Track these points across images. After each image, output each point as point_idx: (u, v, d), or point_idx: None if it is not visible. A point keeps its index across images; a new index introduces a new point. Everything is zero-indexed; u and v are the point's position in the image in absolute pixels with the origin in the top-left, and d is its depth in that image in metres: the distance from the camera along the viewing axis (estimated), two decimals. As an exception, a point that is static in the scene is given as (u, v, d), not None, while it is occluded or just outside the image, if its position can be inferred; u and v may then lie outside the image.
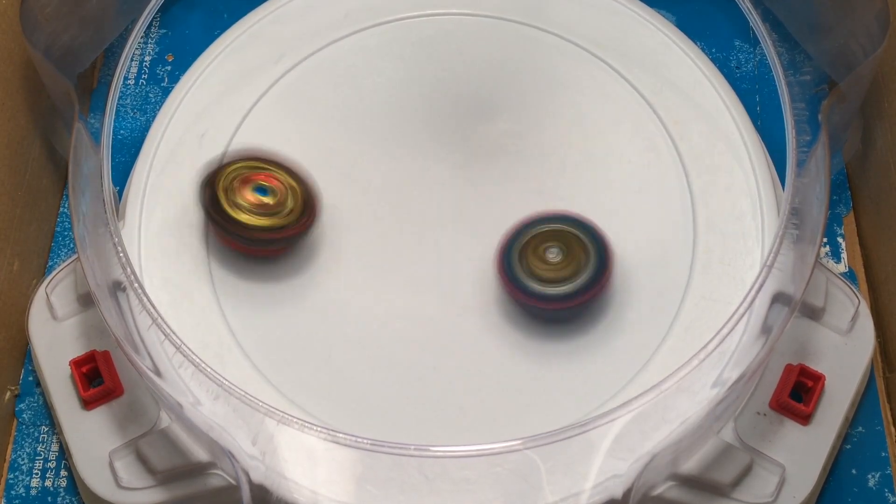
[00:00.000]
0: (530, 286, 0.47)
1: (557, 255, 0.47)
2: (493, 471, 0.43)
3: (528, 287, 0.47)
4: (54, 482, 0.49)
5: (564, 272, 0.47)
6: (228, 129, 0.52)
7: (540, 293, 0.47)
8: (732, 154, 0.51)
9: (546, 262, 0.47)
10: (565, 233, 0.48)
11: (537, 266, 0.47)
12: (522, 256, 0.47)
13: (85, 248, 0.45)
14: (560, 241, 0.47)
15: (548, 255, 0.47)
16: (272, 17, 0.55)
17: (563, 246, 0.47)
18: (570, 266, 0.47)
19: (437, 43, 0.55)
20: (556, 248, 0.47)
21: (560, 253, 0.47)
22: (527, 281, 0.47)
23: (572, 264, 0.47)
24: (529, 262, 0.47)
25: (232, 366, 0.47)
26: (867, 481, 0.48)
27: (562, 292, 0.47)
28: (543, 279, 0.47)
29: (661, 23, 0.55)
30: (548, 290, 0.47)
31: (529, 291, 0.47)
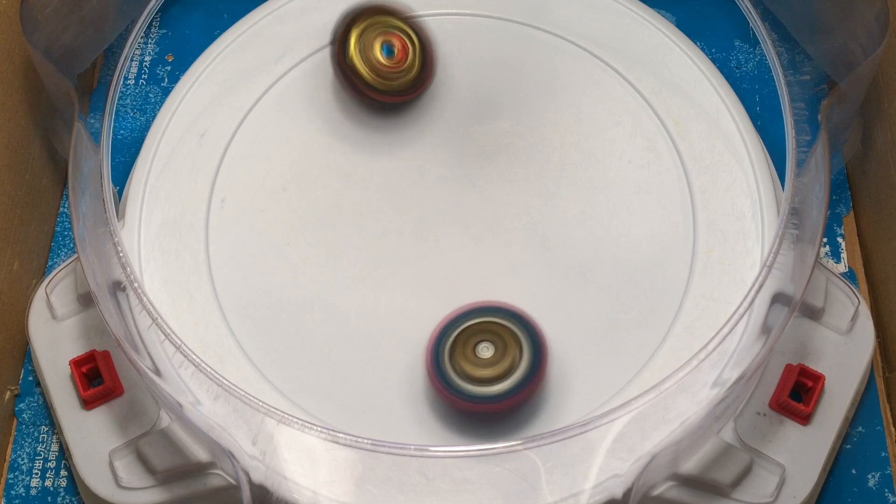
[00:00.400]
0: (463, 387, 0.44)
1: (489, 351, 0.45)
2: (493, 471, 0.43)
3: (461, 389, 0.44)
4: (54, 482, 0.49)
5: (497, 369, 0.44)
6: (228, 128, 0.52)
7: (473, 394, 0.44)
8: (732, 154, 0.51)
9: (477, 359, 0.45)
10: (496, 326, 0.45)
11: (467, 365, 0.45)
12: (452, 355, 0.45)
13: (85, 248, 0.45)
14: (492, 336, 0.45)
15: (478, 351, 0.45)
16: (272, 18, 0.55)
17: (495, 340, 0.45)
18: (503, 362, 0.45)
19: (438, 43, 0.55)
20: (488, 342, 0.45)
21: (492, 348, 0.45)
22: (459, 382, 0.44)
23: (506, 360, 0.45)
24: (459, 362, 0.45)
25: (232, 366, 0.47)
26: (867, 481, 0.48)
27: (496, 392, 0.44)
28: (475, 378, 0.44)
29: (660, 23, 0.55)
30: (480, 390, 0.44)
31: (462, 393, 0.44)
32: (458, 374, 0.44)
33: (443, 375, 0.44)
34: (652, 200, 0.50)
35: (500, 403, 0.44)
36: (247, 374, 0.47)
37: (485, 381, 0.44)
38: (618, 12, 0.55)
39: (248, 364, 0.47)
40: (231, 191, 0.51)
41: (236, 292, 0.49)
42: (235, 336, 0.47)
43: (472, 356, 0.45)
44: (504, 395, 0.44)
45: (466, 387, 0.44)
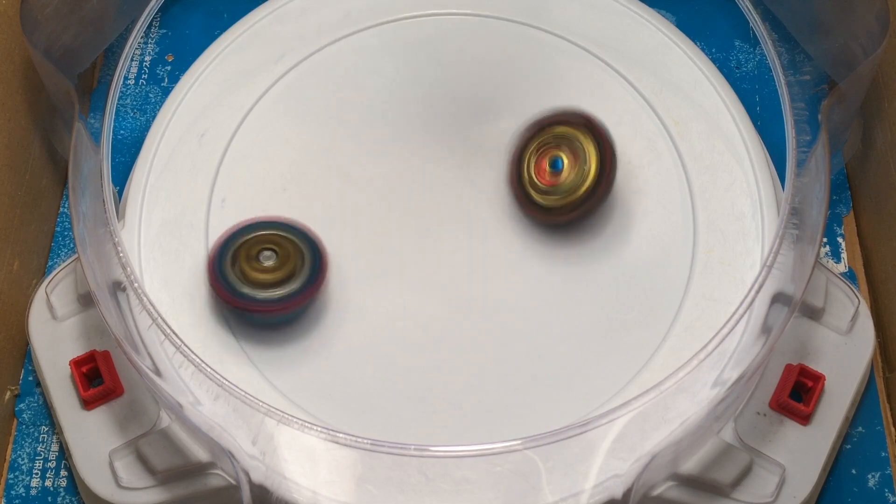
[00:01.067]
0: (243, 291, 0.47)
1: (271, 259, 0.47)
2: (493, 471, 0.43)
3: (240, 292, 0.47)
4: (54, 482, 0.49)
5: (277, 275, 0.47)
6: (228, 128, 0.52)
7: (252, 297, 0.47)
8: (732, 154, 0.51)
9: (261, 267, 0.47)
10: (279, 238, 0.48)
11: (250, 272, 0.47)
12: (235, 262, 0.47)
13: (85, 249, 0.45)
14: (275, 246, 0.48)
15: (262, 259, 0.47)
16: (272, 18, 0.55)
17: (277, 250, 0.47)
18: (283, 269, 0.47)
19: (437, 43, 0.55)
20: (270, 252, 0.47)
21: (273, 257, 0.47)
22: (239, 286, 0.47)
23: (286, 268, 0.47)
24: (243, 267, 0.47)
25: (232, 366, 0.47)
26: (867, 481, 0.48)
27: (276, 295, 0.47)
28: (257, 283, 0.47)
29: (660, 23, 0.55)
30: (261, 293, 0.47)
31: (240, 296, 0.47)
32: (240, 279, 0.47)
33: (224, 277, 0.47)
34: (652, 200, 0.50)
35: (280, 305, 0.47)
36: (247, 374, 0.47)
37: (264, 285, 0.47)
38: (618, 12, 0.55)
39: (247, 364, 0.47)
40: (231, 191, 0.51)
41: (236, 292, 0.49)
42: (235, 336, 0.47)
43: (256, 263, 0.47)
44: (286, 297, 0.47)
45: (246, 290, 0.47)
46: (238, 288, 0.47)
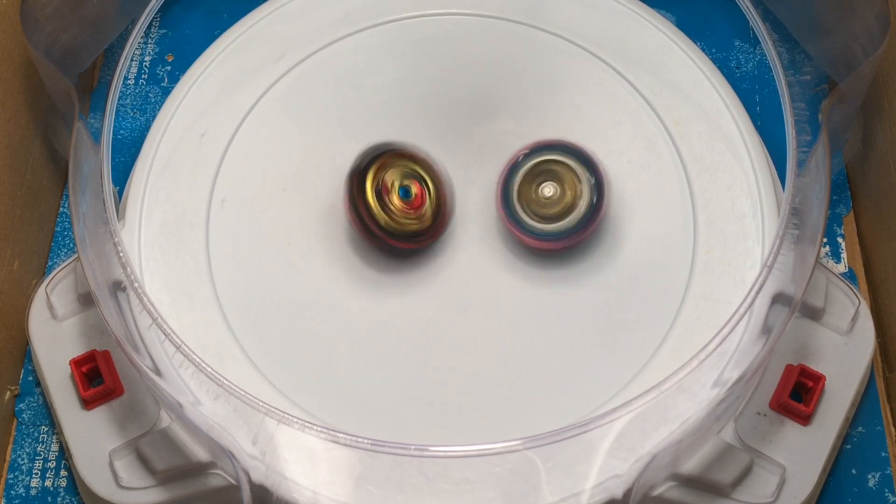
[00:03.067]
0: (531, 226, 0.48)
1: (552, 190, 0.48)
2: (493, 471, 0.43)
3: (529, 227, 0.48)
4: (54, 482, 0.49)
5: (558, 208, 0.48)
6: (229, 128, 0.52)
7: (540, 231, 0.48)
8: (732, 154, 0.51)
9: (541, 200, 0.48)
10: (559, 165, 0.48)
11: (533, 203, 0.48)
12: (521, 196, 0.48)
13: (85, 248, 0.45)
14: (553, 177, 0.48)
15: (542, 191, 0.48)
16: (272, 17, 0.55)
17: (556, 181, 0.48)
18: (563, 201, 0.48)
19: (438, 43, 0.55)
20: (551, 183, 0.48)
21: (554, 188, 0.48)
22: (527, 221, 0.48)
23: (566, 198, 0.48)
24: (527, 201, 0.48)
25: (232, 365, 0.47)
26: (867, 481, 0.48)
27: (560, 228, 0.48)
28: (540, 216, 0.48)
29: (661, 23, 0.55)
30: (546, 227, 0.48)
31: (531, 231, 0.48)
32: (528, 214, 0.48)
33: (514, 216, 0.48)
34: (652, 200, 0.50)
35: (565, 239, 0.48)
36: (247, 373, 0.47)
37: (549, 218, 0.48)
38: (618, 12, 0.55)
39: (248, 364, 0.47)
40: (231, 191, 0.51)
41: (236, 292, 0.49)
42: (236, 336, 0.47)
43: (538, 196, 0.48)
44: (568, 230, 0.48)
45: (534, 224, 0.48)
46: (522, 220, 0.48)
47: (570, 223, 0.48)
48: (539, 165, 0.49)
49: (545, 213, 0.48)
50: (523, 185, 0.48)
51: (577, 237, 0.48)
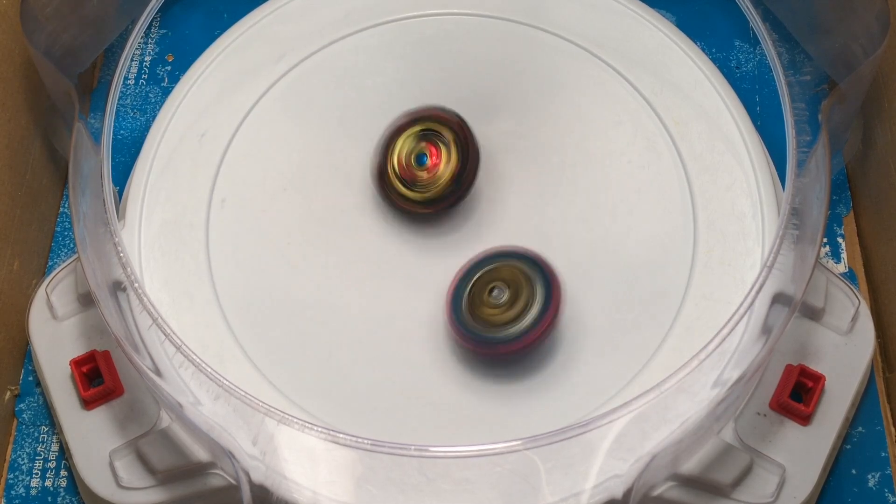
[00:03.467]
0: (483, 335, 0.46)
1: (502, 295, 0.46)
2: (494, 471, 0.43)
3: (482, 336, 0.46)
4: (54, 482, 0.49)
5: (511, 312, 0.46)
6: (229, 128, 0.52)
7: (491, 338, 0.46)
8: (733, 154, 0.51)
9: (492, 305, 0.46)
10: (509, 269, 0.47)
11: (485, 311, 0.46)
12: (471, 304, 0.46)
13: (85, 248, 0.45)
14: (504, 280, 0.46)
15: (493, 296, 0.46)
16: (273, 17, 0.55)
17: (506, 285, 0.46)
18: (517, 305, 0.46)
19: (438, 43, 0.55)
20: (501, 287, 0.46)
21: (505, 292, 0.46)
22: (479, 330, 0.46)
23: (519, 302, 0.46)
24: (476, 309, 0.46)
25: (232, 366, 0.47)
26: (867, 481, 0.48)
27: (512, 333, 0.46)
28: (492, 324, 0.46)
29: (661, 23, 0.55)
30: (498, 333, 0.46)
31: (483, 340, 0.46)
32: (479, 323, 0.46)
33: (465, 326, 0.46)
34: (652, 200, 0.50)
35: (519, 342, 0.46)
36: (247, 374, 0.47)
37: (503, 325, 0.46)
38: (618, 12, 0.55)
39: (248, 364, 0.47)
40: (231, 191, 0.51)
41: (237, 292, 0.49)
42: (236, 336, 0.47)
43: (489, 301, 0.46)
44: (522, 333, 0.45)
45: (488, 333, 0.46)
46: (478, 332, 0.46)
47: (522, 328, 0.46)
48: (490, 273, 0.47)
49: (497, 320, 0.46)
50: (475, 296, 0.47)
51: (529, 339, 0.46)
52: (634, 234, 0.50)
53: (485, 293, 0.46)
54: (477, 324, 0.46)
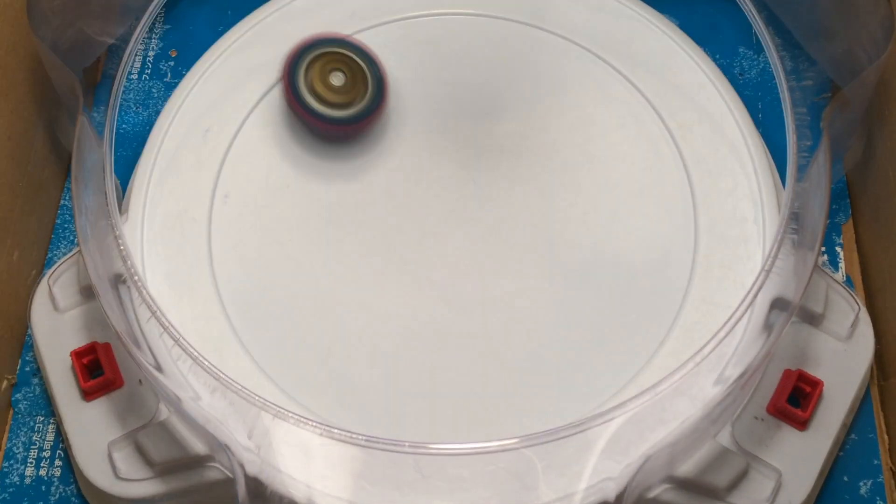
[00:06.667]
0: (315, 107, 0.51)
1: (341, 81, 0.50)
2: (489, 469, 0.43)
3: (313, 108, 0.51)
4: (48, 471, 0.49)
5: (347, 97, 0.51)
6: (233, 124, 0.53)
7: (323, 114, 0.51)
8: (735, 158, 0.51)
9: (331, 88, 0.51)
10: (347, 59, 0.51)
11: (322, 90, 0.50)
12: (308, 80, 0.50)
13: (87, 241, 0.45)
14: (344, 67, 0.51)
15: (332, 80, 0.50)
16: (278, 15, 0.55)
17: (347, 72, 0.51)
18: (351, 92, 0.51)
19: (443, 43, 0.55)
20: (341, 73, 0.50)
21: (344, 79, 0.51)
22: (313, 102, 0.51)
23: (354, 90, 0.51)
24: (315, 87, 0.50)
25: (231, 360, 0.47)
26: (859, 489, 0.48)
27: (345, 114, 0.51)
28: (328, 102, 0.51)
29: (665, 26, 0.55)
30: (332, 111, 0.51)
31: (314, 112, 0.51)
32: (316, 99, 0.51)
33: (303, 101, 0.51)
34: (654, 203, 0.50)
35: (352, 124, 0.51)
36: (246, 368, 0.47)
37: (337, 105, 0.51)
38: (623, 15, 0.55)
39: (247, 358, 0.47)
40: (234, 187, 0.51)
41: (237, 287, 0.49)
42: (235, 331, 0.48)
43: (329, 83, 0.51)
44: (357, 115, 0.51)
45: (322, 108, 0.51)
46: (309, 104, 0.50)
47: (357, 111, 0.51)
48: (324, 56, 0.51)
49: (335, 100, 0.51)
50: (312, 75, 0.50)
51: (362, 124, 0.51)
52: (635, 236, 0.50)
53: (325, 75, 0.50)
54: (314, 99, 0.51)
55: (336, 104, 0.50)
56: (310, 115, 0.51)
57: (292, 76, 0.50)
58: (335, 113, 0.50)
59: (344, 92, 0.50)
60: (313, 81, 0.50)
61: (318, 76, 0.50)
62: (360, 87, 0.51)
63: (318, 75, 0.50)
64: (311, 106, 0.50)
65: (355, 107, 0.51)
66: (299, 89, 0.50)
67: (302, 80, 0.50)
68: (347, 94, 0.51)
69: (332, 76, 0.50)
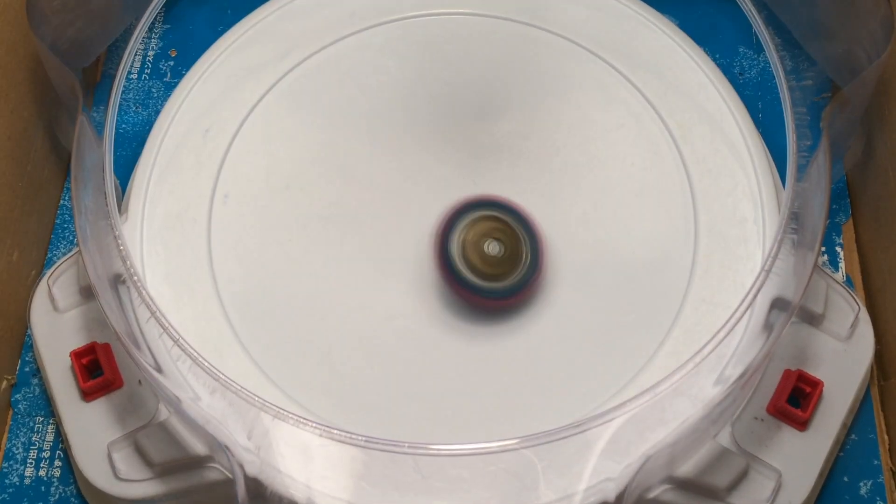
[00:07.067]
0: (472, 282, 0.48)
1: (497, 250, 0.48)
2: (488, 469, 0.43)
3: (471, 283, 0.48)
4: (48, 472, 0.49)
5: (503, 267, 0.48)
6: (232, 124, 0.53)
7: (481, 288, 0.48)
8: (735, 158, 0.51)
9: (486, 258, 0.48)
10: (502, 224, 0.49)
11: (478, 261, 0.48)
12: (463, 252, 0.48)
13: (86, 241, 0.45)
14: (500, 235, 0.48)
15: (488, 249, 0.48)
16: (277, 15, 0.55)
17: (503, 239, 0.48)
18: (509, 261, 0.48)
19: (443, 43, 0.55)
20: (496, 242, 0.48)
21: (500, 247, 0.48)
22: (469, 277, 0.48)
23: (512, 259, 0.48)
24: (470, 258, 0.48)
25: (231, 360, 0.47)
26: (859, 489, 0.48)
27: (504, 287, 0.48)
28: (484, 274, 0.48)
29: (665, 25, 0.55)
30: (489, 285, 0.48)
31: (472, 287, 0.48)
32: (471, 271, 0.48)
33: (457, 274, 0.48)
34: (654, 203, 0.50)
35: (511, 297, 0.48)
36: (246, 369, 0.47)
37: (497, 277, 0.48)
38: (623, 15, 0.55)
39: (247, 359, 0.47)
40: (234, 187, 0.51)
41: (237, 287, 0.49)
42: (235, 331, 0.48)
43: (483, 253, 0.48)
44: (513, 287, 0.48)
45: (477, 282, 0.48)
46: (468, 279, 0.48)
47: (514, 281, 0.48)
48: (479, 222, 0.49)
49: (490, 271, 0.48)
50: (466, 244, 0.48)
51: (521, 294, 0.48)
52: (635, 236, 0.50)
53: (480, 243, 0.48)
54: (469, 272, 0.48)
55: (491, 276, 0.48)
56: (463, 288, 0.48)
57: (445, 247, 0.49)
58: (489, 285, 0.48)
59: (499, 263, 0.48)
60: (467, 252, 0.48)
61: (472, 245, 0.48)
62: (516, 257, 0.48)
63: (472, 245, 0.48)
64: (465, 278, 0.48)
65: (510, 278, 0.48)
66: (454, 262, 0.48)
67: (456, 251, 0.48)
68: (503, 266, 0.48)
69: (488, 245, 0.48)
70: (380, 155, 0.52)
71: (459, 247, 0.48)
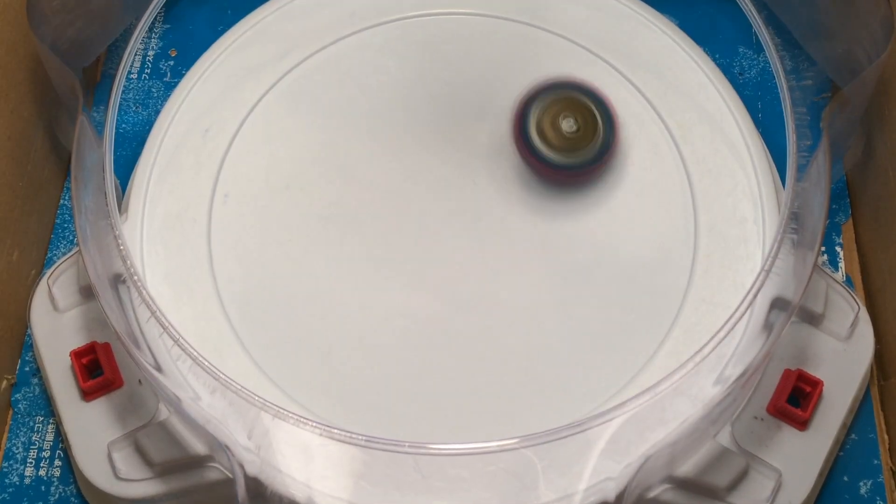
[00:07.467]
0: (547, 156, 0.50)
1: (572, 126, 0.50)
2: (488, 469, 0.43)
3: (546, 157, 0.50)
4: (48, 472, 0.49)
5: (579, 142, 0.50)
6: (232, 124, 0.52)
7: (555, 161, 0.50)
8: (735, 158, 0.51)
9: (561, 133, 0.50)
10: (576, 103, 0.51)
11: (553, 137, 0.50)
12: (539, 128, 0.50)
13: (86, 241, 0.45)
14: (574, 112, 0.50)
15: (563, 125, 0.50)
16: (277, 15, 0.55)
17: (576, 117, 0.50)
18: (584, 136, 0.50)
19: (443, 42, 0.55)
20: (571, 118, 0.50)
21: (574, 124, 0.50)
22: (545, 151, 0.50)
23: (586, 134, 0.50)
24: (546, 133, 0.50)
25: (231, 360, 0.47)
26: (859, 489, 0.48)
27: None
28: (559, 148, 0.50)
29: (665, 25, 0.55)
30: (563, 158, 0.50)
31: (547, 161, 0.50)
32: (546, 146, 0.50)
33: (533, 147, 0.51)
34: (654, 203, 0.50)
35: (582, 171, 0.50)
36: (246, 368, 0.47)
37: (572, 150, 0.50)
38: (623, 15, 0.55)
39: (247, 358, 0.47)
40: (234, 187, 0.51)
41: (237, 287, 0.49)
42: (235, 330, 0.48)
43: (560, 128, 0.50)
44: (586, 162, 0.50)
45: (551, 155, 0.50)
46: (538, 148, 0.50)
47: (587, 156, 0.50)
48: (556, 101, 0.50)
49: (564, 145, 0.50)
50: (543, 119, 0.50)
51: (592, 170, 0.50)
52: (635, 235, 0.50)
53: (556, 120, 0.50)
54: (544, 146, 0.50)
55: (565, 150, 0.50)
56: (537, 160, 0.50)
57: (523, 121, 0.50)
58: (563, 159, 0.50)
59: (573, 138, 0.50)
60: (543, 126, 0.50)
61: (549, 121, 0.50)
62: (590, 133, 0.50)
63: (549, 120, 0.50)
64: (539, 151, 0.50)
65: (584, 153, 0.50)
66: (529, 135, 0.50)
67: (532, 124, 0.50)
68: (577, 140, 0.50)
69: (563, 122, 0.50)
70: (380, 155, 0.52)
71: (536, 123, 0.50)
